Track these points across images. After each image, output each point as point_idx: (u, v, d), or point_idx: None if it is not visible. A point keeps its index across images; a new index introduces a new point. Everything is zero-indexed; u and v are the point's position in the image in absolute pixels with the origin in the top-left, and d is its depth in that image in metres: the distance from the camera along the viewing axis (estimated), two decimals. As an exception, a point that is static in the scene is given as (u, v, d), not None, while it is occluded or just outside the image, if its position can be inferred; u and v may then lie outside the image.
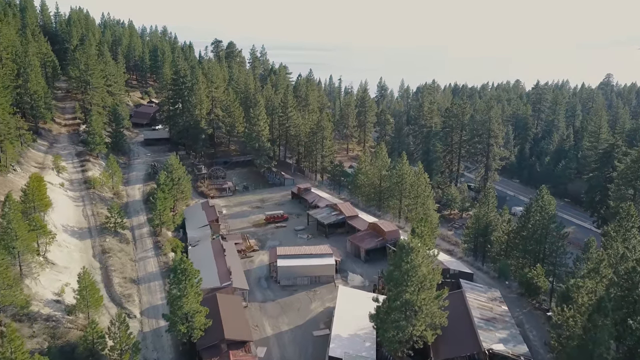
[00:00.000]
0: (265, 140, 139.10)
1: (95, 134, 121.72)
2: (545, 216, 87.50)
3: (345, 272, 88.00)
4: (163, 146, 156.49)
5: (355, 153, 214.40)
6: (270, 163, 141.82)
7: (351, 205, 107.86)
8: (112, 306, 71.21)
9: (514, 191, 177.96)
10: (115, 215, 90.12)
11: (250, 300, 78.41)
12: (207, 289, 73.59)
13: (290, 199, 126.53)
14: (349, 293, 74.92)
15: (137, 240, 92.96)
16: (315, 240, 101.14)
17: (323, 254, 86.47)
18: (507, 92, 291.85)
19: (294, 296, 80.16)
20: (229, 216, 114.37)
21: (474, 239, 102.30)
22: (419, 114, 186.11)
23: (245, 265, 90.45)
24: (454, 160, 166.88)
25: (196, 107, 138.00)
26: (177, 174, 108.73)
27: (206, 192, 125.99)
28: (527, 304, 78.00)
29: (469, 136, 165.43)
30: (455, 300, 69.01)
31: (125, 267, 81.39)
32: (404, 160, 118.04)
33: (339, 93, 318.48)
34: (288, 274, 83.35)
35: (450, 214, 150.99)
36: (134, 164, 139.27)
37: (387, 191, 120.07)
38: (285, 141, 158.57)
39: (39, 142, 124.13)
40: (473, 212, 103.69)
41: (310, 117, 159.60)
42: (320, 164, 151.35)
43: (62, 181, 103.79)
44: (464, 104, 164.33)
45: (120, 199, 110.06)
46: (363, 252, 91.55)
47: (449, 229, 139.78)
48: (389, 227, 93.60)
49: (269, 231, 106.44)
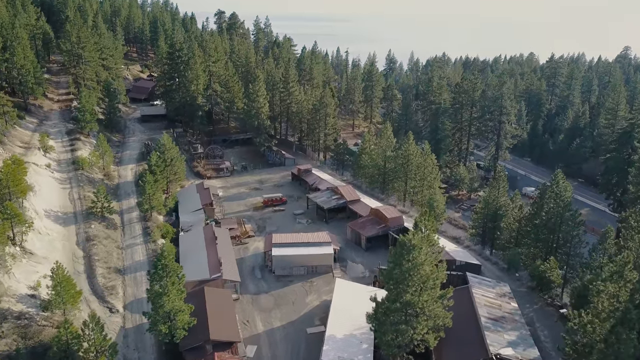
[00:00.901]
0: (265, 118, 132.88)
1: (85, 111, 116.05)
2: (561, 203, 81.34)
3: (344, 262, 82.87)
4: (160, 123, 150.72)
5: (362, 129, 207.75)
6: (270, 142, 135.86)
7: (353, 188, 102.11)
8: (93, 299, 66.70)
9: (525, 170, 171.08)
10: (102, 199, 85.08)
11: (242, 292, 73.64)
12: (195, 282, 68.99)
13: (290, 180, 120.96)
14: (347, 287, 69.79)
15: (126, 226, 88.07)
16: (315, 226, 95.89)
17: (321, 242, 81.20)
18: (521, 65, 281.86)
19: (289, 288, 75.26)
20: (225, 198, 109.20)
21: (483, 224, 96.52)
22: (428, 89, 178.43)
23: (240, 253, 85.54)
24: (463, 138, 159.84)
25: (192, 83, 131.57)
26: (170, 154, 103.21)
27: (202, 172, 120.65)
28: (538, 299, 72.58)
29: (480, 113, 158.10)
30: (461, 297, 63.75)
31: (110, 255, 76.66)
32: (410, 140, 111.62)
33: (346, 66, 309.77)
34: (283, 264, 78.37)
35: (458, 194, 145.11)
36: (129, 142, 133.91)
37: (391, 173, 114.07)
38: (286, 118, 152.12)
39: (28, 119, 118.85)
40: (482, 196, 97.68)
41: (313, 93, 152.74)
42: (323, 143, 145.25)
43: (48, 162, 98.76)
44: (475, 79, 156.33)
45: (110, 180, 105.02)
46: (364, 240, 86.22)
47: (456, 211, 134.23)
48: (391, 213, 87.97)
49: (267, 215, 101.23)
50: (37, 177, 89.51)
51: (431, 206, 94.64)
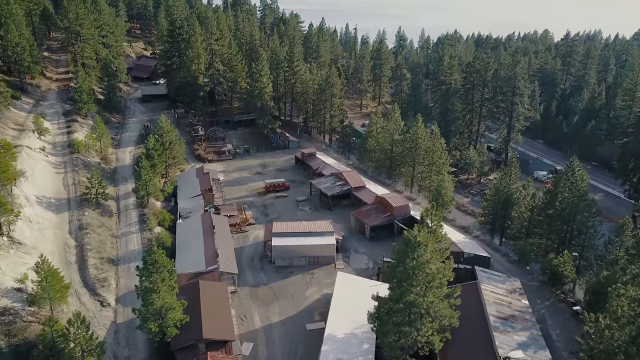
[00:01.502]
0: (269, 98, 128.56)
1: (82, 92, 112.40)
2: (576, 193, 77.17)
3: (347, 252, 79.55)
4: (161, 103, 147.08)
5: (370, 110, 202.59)
6: (274, 123, 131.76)
7: (358, 174, 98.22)
8: (84, 292, 63.92)
9: (537, 153, 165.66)
10: (96, 185, 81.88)
11: (240, 284, 70.69)
12: (190, 274, 66.06)
13: (293, 164, 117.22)
14: (349, 281, 66.43)
15: (122, 213, 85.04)
16: (318, 213, 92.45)
17: (323, 232, 77.78)
18: (535, 43, 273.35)
19: (289, 279, 72.15)
20: (226, 183, 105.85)
21: (493, 212, 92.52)
22: (438, 68, 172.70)
23: (239, 242, 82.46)
24: (474, 120, 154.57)
25: (193, 62, 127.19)
26: (169, 137, 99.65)
27: (203, 155, 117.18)
28: (550, 295, 68.88)
29: (492, 94, 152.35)
30: (469, 294, 60.20)
31: (104, 245, 73.75)
32: (419, 123, 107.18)
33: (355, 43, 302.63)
34: (284, 254, 75.19)
35: (468, 178, 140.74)
36: (128, 124, 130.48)
37: (399, 157, 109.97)
38: (291, 99, 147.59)
39: (24, 99, 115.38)
40: (493, 181, 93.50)
41: (319, 72, 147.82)
42: (329, 125, 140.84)
43: (43, 145, 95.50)
44: (487, 59, 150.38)
45: (108, 164, 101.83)
46: (368, 229, 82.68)
47: (465, 196, 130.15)
48: (397, 201, 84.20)
49: (269, 201, 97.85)
50: (30, 162, 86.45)
51: (439, 193, 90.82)
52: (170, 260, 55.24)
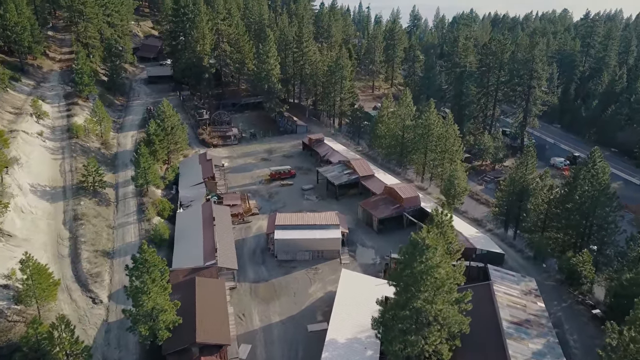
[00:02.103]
0: (276, 81, 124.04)
1: (83, 73, 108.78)
2: (597, 186, 72.52)
3: (354, 245, 75.95)
4: (167, 85, 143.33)
5: (382, 91, 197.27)
6: (281, 107, 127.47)
7: (367, 162, 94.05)
8: (76, 288, 61.16)
9: (554, 138, 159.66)
10: (93, 172, 78.73)
11: (240, 279, 67.57)
12: (187, 269, 62.90)
13: (301, 150, 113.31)
14: (353, 279, 62.89)
15: (120, 201, 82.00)
16: (324, 203, 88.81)
17: (328, 224, 74.15)
18: (553, 23, 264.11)
19: (292, 275, 68.84)
20: (231, 170, 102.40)
21: (507, 204, 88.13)
22: (453, 49, 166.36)
23: (241, 233, 79.24)
24: (489, 104, 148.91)
25: (198, 43, 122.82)
26: (171, 121, 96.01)
27: (208, 140, 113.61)
28: (568, 296, 64.90)
29: (508, 77, 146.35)
30: (481, 296, 56.44)
31: (99, 236, 70.81)
32: (431, 108, 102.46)
33: (368, 22, 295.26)
34: (286, 248, 71.81)
35: (482, 165, 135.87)
36: (132, 106, 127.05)
37: (410, 144, 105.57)
38: (300, 81, 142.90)
39: (24, 81, 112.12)
40: (508, 168, 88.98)
41: (329, 53, 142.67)
42: (339, 108, 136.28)
43: (41, 129, 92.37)
44: (504, 40, 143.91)
45: (108, 149, 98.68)
46: (376, 222, 78.89)
47: (479, 183, 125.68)
48: (407, 192, 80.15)
49: (274, 190, 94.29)
50: (26, 147, 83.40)
51: (451, 184, 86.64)
52: (162, 260, 52.00)
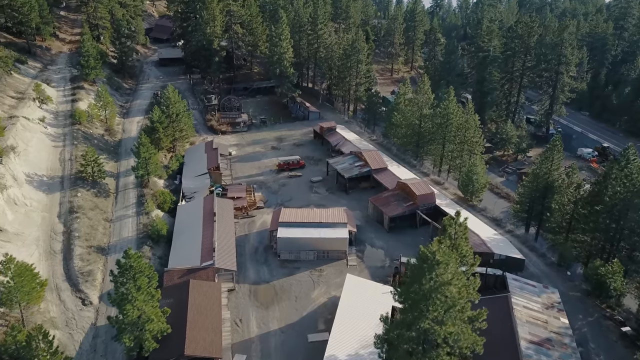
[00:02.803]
0: (288, 65, 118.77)
1: (89, 56, 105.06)
2: (631, 187, 66.45)
3: (362, 245, 71.42)
4: (178, 68, 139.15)
5: (401, 75, 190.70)
6: (293, 92, 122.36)
7: (379, 154, 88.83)
8: (66, 287, 58.02)
9: (582, 127, 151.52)
10: (92, 162, 75.21)
11: (240, 279, 63.79)
12: (183, 270, 59.29)
13: (312, 138, 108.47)
14: (359, 286, 58.44)
15: (120, 192, 78.52)
16: (333, 197, 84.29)
17: (335, 223, 69.65)
18: (584, 4, 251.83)
19: (294, 277, 64.75)
20: (238, 159, 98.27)
21: (530, 201, 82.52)
22: (476, 32, 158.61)
23: (244, 228, 75.32)
24: (513, 90, 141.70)
25: (208, 24, 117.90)
26: (176, 108, 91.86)
27: (216, 127, 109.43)
28: (595, 309, 59.64)
29: (534, 62, 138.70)
30: (497, 310, 51.64)
31: (95, 231, 67.45)
32: (450, 96, 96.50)
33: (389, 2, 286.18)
34: (290, 247, 67.65)
35: (503, 155, 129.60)
36: (141, 90, 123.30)
37: (427, 133, 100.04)
38: (314, 64, 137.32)
39: (30, 63, 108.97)
40: (531, 167, 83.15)
41: (345, 36, 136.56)
42: (354, 93, 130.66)
43: (43, 115, 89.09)
44: (531, 22, 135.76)
45: (112, 136, 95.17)
46: (387, 220, 74.09)
47: (499, 174, 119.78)
48: (421, 189, 75.02)
49: (281, 181, 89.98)
50: (26, 135, 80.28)
51: (469, 179, 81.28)
52: (150, 265, 48.25)
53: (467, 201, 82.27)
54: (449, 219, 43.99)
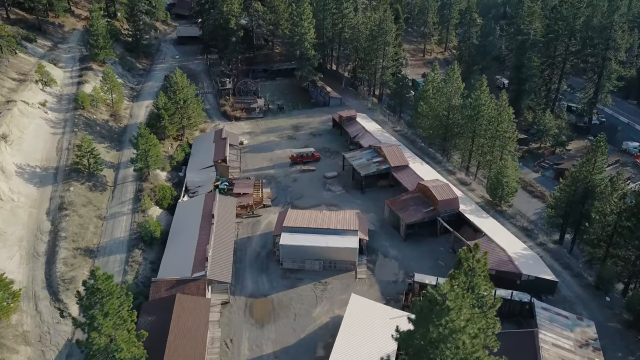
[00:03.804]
0: (309, 47, 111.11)
1: (98, 35, 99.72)
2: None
3: (374, 254, 64.65)
4: (196, 47, 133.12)
5: (434, 56, 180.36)
6: (315, 75, 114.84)
7: (400, 150, 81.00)
8: (45, 296, 53.31)
9: (628, 117, 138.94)
10: (87, 153, 70.13)
11: (236, 291, 58.15)
12: (172, 281, 53.94)
13: (331, 127, 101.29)
14: (364, 309, 51.82)
15: (118, 186, 73.38)
16: (347, 196, 77.50)
17: (345, 230, 63.00)
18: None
19: (296, 290, 58.68)
20: (250, 149, 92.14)
21: (566, 207, 74.05)
22: (517, 12, 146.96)
23: (247, 230, 69.47)
24: (554, 77, 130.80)
25: (225, 2, 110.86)
26: (183, 94, 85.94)
27: (230, 112, 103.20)
28: (637, 346, 51.66)
29: (579, 46, 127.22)
30: (521, 347, 44.56)
31: (84, 230, 62.58)
32: (483, 86, 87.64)
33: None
34: (293, 255, 61.51)
35: (540, 147, 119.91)
36: (155, 70, 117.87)
37: (455, 126, 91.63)
38: (338, 46, 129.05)
39: (40, 42, 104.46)
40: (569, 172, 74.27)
41: (373, 15, 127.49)
42: (380, 77, 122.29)
43: (44, 99, 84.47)
44: (578, 3, 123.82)
45: (118, 122, 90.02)
46: (403, 226, 66.95)
47: (534, 169, 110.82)
48: (444, 193, 67.38)
49: (293, 175, 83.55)
50: (23, 121, 75.73)
51: (499, 182, 73.15)
52: (122, 287, 42.65)
53: (495, 206, 74.31)
54: (466, 251, 36.78)
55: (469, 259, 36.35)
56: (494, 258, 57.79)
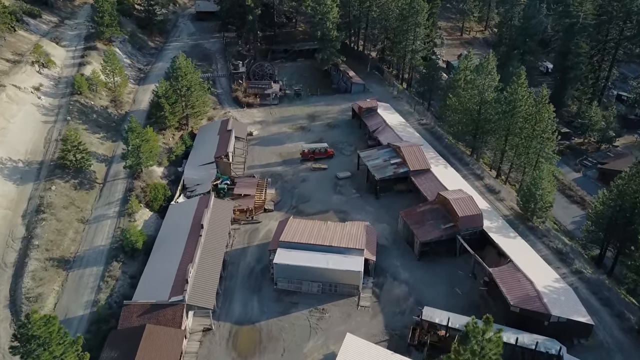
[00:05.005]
0: (332, 27, 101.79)
1: (103, 12, 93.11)
2: None
3: (383, 275, 56.91)
4: (215, 23, 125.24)
5: (472, 35, 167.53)
6: (337, 57, 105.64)
7: (421, 151, 71.71)
8: (6, 316, 48.17)
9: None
10: (74, 148, 64.09)
11: (222, 315, 51.74)
12: (146, 305, 47.76)
13: (350, 117, 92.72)
14: (360, 353, 44.46)
15: (108, 183, 67.35)
16: (359, 202, 69.61)
17: (349, 249, 55.46)
18: None
19: (289, 317, 51.78)
20: (259, 141, 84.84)
21: (608, 223, 64.29)
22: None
23: (244, 239, 62.74)
24: (603, 64, 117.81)
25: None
26: (186, 81, 78.82)
27: (241, 98, 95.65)
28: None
29: (635, 31, 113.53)
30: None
31: (61, 237, 56.84)
32: (521, 78, 77.19)
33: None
34: (289, 274, 54.55)
35: (583, 143, 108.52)
36: (168, 49, 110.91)
37: (487, 123, 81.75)
38: (366, 25, 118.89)
39: (45, 17, 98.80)
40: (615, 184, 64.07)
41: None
42: (409, 62, 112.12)
43: (40, 82, 78.91)
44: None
45: (118, 108, 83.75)
46: (418, 245, 58.82)
47: (575, 168, 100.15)
48: (466, 208, 58.63)
49: (302, 174, 75.97)
50: (10, 108, 70.34)
51: (532, 194, 63.84)
52: (66, 331, 36.54)
53: (526, 220, 65.18)
54: (473, 327, 28.69)
55: (477, 334, 28.31)
56: (519, 293, 49.42)
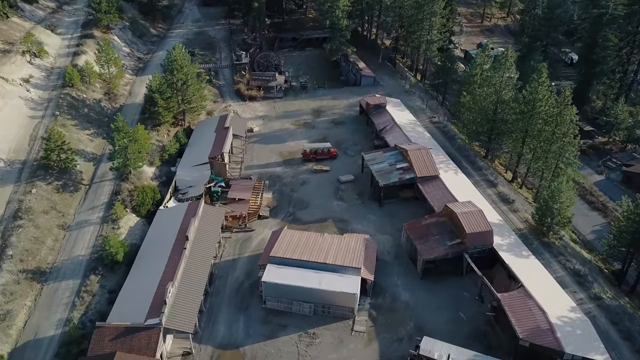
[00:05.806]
0: (341, 16, 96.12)
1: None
2: None
3: (381, 296, 52.41)
4: (221, 9, 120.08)
5: (493, 22, 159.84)
6: (347, 48, 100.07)
7: (430, 155, 66.30)
8: (-29, 335, 44.92)
9: None
10: (56, 147, 60.21)
11: (204, 337, 47.86)
12: (119, 328, 43.97)
13: (357, 113, 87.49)
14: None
15: (94, 185, 63.35)
16: (361, 210, 64.94)
17: (346, 266, 51.01)
18: None
19: (276, 341, 47.67)
20: (260, 138, 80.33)
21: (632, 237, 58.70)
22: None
23: (235, 249, 58.71)
24: (632, 57, 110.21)
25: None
26: (182, 74, 74.26)
27: (244, 91, 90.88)
28: None
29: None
30: None
31: (39, 246, 53.14)
32: (542, 77, 71.01)
33: None
34: (279, 293, 50.37)
35: (607, 142, 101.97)
36: (171, 37, 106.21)
37: (503, 123, 75.96)
38: (379, 13, 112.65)
39: (42, 2, 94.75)
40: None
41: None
42: (423, 53, 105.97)
43: (30, 73, 75.10)
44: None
45: (113, 101, 79.61)
46: (421, 262, 54.08)
47: (598, 170, 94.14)
48: (474, 224, 53.50)
49: (301, 177, 71.36)
50: (-3, 101, 66.71)
51: (548, 208, 58.39)
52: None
53: (541, 236, 59.90)
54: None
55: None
56: (530, 324, 44.62)
